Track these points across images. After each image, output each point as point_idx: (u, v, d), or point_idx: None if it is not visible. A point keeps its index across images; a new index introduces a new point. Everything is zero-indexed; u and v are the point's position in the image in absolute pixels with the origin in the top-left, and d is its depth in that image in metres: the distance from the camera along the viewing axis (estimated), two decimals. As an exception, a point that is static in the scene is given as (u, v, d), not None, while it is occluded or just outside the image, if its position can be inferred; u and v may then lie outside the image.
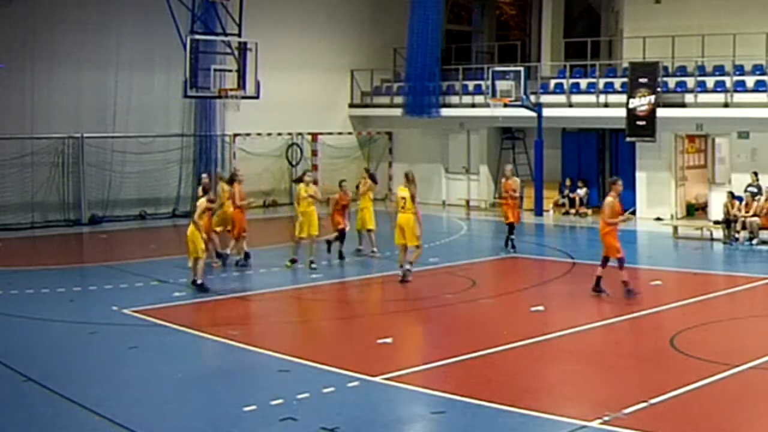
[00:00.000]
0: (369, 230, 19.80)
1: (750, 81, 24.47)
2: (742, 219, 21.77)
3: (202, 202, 16.55)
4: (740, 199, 22.55)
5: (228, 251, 18.75)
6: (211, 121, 29.03)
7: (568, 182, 28.50)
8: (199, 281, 16.16)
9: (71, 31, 25.99)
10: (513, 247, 20.52)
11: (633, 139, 25.88)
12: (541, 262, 20.00)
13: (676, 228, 23.28)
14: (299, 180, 19.16)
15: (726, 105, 24.56)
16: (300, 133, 31.38)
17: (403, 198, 16.92)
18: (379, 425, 9.49)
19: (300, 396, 10.12)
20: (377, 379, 10.81)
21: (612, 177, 15.84)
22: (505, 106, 27.26)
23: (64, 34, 25.88)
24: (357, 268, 18.80)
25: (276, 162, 31.07)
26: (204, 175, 19.89)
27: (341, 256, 19.39)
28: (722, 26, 25.20)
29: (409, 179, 17.14)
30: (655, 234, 23.92)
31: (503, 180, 21.29)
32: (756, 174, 23.03)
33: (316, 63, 31.53)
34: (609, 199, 15.51)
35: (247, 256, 18.80)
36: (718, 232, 22.35)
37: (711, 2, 26.39)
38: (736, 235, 21.72)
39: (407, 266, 16.93)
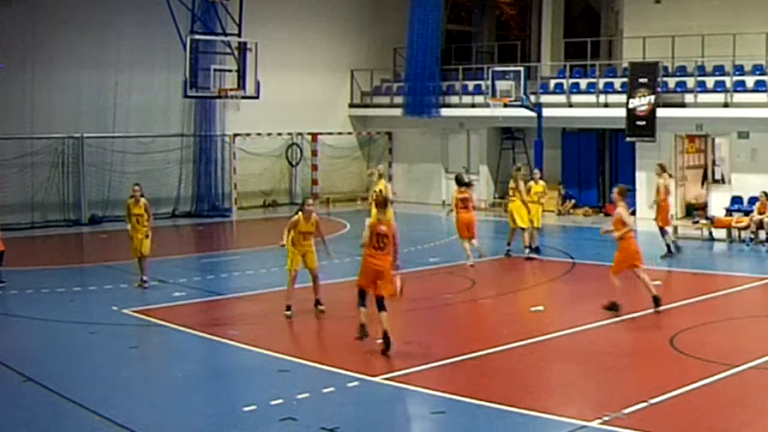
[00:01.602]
0: None
1: (750, 81, 24.47)
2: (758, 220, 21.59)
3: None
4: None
5: None
6: (211, 121, 29.04)
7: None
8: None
9: (71, 31, 26.01)
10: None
11: (633, 139, 25.88)
12: (541, 262, 19.99)
13: (676, 228, 23.27)
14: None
15: (726, 105, 24.56)
16: (300, 133, 31.38)
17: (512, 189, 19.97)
18: (379, 425, 9.49)
19: (300, 396, 10.13)
20: (377, 379, 10.82)
21: None
22: (505, 106, 27.24)
23: (64, 34, 25.90)
24: (356, 269, 18.73)
25: (276, 162, 31.08)
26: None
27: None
28: (722, 26, 25.21)
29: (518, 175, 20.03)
30: (655, 234, 23.89)
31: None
32: None
33: (316, 63, 31.53)
34: None
35: None
36: (718, 232, 22.31)
37: (711, 2, 26.39)
38: (751, 236, 21.58)
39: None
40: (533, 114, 27.59)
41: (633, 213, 26.83)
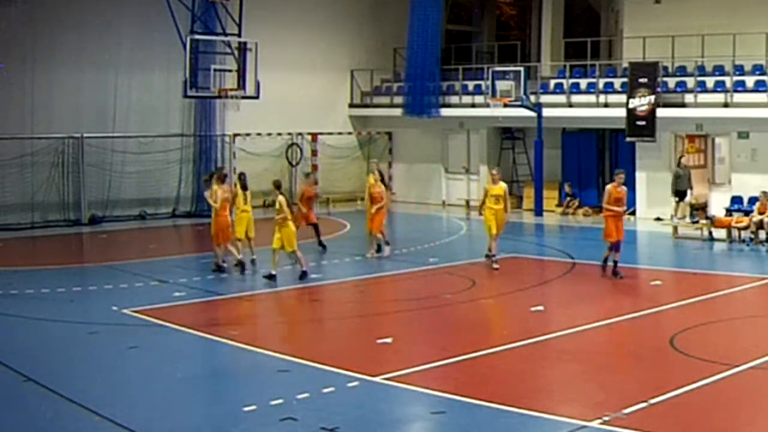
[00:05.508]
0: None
1: (750, 81, 24.47)
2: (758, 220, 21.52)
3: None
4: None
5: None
6: (211, 121, 29.02)
7: (567, 188, 28.57)
8: None
9: (71, 31, 25.99)
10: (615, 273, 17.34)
11: (633, 139, 25.87)
12: (541, 262, 19.99)
13: (676, 228, 23.28)
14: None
15: (726, 105, 24.55)
16: (300, 133, 31.37)
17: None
18: (379, 425, 9.48)
19: (300, 396, 10.12)
20: (377, 379, 10.81)
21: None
22: (505, 106, 27.24)
23: (64, 34, 25.89)
24: (356, 268, 18.79)
25: (276, 162, 31.05)
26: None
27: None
28: (722, 26, 25.19)
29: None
30: (655, 234, 23.92)
31: (611, 186, 17.39)
32: None
33: (316, 63, 31.52)
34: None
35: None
36: (718, 232, 22.29)
37: (711, 2, 26.37)
38: (751, 236, 21.51)
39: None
40: (533, 114, 27.59)
41: (633, 213, 26.95)
